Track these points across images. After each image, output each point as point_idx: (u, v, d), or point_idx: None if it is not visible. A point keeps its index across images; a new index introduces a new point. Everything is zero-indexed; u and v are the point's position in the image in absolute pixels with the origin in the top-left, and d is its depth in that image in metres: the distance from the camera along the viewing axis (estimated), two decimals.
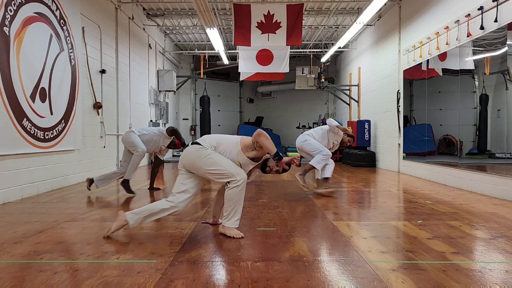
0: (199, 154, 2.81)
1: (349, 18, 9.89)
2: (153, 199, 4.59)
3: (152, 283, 1.99)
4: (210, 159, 2.78)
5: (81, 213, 3.80)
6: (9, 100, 4.34)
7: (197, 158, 2.80)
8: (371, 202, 4.52)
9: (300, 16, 8.04)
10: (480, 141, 5.45)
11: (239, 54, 9.96)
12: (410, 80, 7.72)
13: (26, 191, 4.75)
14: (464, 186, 5.55)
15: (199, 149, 2.83)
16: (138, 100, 9.25)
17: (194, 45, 12.78)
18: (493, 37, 4.94)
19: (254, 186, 5.89)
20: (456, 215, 3.73)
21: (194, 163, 2.82)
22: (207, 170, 2.78)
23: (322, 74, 11.54)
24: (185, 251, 2.54)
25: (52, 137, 5.27)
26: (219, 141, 2.94)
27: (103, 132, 7.05)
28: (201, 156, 2.79)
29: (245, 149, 2.91)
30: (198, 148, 2.83)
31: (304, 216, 3.69)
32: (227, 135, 3.08)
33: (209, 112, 13.33)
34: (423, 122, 7.11)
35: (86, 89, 6.43)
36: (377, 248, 2.62)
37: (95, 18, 6.77)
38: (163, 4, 9.24)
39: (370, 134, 9.65)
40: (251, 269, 2.20)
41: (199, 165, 2.80)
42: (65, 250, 2.59)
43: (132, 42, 8.76)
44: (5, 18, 4.31)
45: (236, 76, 12.98)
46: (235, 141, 2.95)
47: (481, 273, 2.16)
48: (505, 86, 4.83)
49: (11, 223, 3.37)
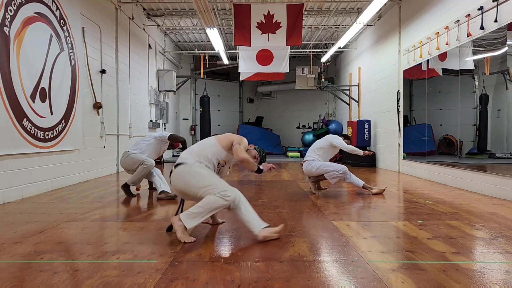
0: (189, 170, 2.81)
1: (349, 18, 9.89)
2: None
3: (152, 283, 2.00)
4: (199, 175, 2.78)
5: (81, 213, 3.80)
6: (9, 100, 4.35)
7: (188, 174, 2.80)
8: (371, 202, 4.52)
9: (300, 16, 8.04)
10: (480, 141, 5.45)
11: (239, 54, 9.96)
12: (410, 80, 7.72)
13: (26, 191, 4.75)
14: (464, 186, 5.55)
15: (186, 166, 2.83)
16: (138, 100, 9.25)
17: (194, 45, 12.78)
18: (493, 37, 4.94)
19: (254, 186, 5.89)
20: (456, 215, 3.73)
21: (186, 181, 2.79)
22: (199, 188, 2.74)
23: (322, 74, 11.54)
24: (185, 251, 2.54)
25: (52, 137, 5.27)
26: (198, 150, 2.96)
27: (103, 132, 7.05)
28: (191, 172, 2.79)
29: (225, 148, 3.01)
30: (185, 166, 2.84)
31: (304, 216, 3.69)
32: (202, 141, 3.12)
33: (209, 112, 13.34)
34: (423, 122, 7.11)
35: (86, 89, 6.44)
36: (377, 248, 2.62)
37: (95, 18, 6.77)
38: (163, 4, 9.24)
39: (370, 134, 9.65)
40: (251, 269, 2.20)
41: (191, 182, 2.77)
42: (65, 250, 2.59)
43: (132, 42, 8.76)
44: (5, 18, 4.32)
45: (236, 76, 12.99)
46: (212, 143, 3.02)
47: (481, 273, 2.16)
48: (505, 86, 4.83)
49: (11, 223, 3.38)
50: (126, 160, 4.82)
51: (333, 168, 4.91)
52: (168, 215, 3.72)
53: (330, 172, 4.91)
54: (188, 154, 2.95)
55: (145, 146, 4.88)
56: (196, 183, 2.77)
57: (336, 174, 4.90)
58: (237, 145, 2.95)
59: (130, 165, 4.81)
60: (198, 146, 3.03)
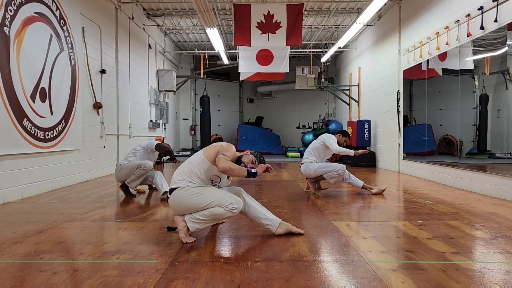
0: (186, 194, 2.68)
1: (349, 18, 9.89)
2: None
3: (152, 283, 2.00)
4: (198, 196, 2.67)
5: (81, 213, 3.80)
6: (9, 100, 4.35)
7: (186, 198, 2.68)
8: (371, 202, 4.52)
9: (300, 16, 8.04)
10: (480, 141, 5.45)
11: (239, 54, 9.96)
12: (410, 80, 7.72)
13: (26, 191, 4.75)
14: (464, 186, 5.55)
15: (181, 191, 2.71)
16: (138, 100, 9.25)
17: (194, 45, 12.78)
18: (493, 37, 4.94)
19: (254, 186, 5.89)
20: (456, 215, 3.73)
21: (186, 205, 2.70)
22: (203, 206, 2.66)
23: (322, 74, 11.55)
24: (185, 251, 2.54)
25: (52, 137, 5.27)
26: (188, 171, 2.79)
27: (103, 132, 7.05)
28: (189, 195, 2.68)
29: (213, 162, 2.77)
30: (180, 190, 2.71)
31: (304, 216, 3.69)
32: (189, 159, 2.91)
33: (209, 112, 13.33)
34: (423, 122, 7.11)
35: (86, 89, 6.44)
36: (377, 248, 2.62)
37: (95, 18, 6.77)
38: (163, 4, 9.24)
39: (370, 134, 9.65)
40: (251, 269, 2.20)
41: (192, 204, 2.68)
42: (65, 250, 2.59)
43: (132, 42, 8.76)
44: (5, 18, 4.31)
45: (236, 76, 12.99)
46: (200, 159, 2.80)
47: (481, 273, 2.16)
48: (505, 86, 4.83)
49: (11, 223, 3.38)
50: (121, 171, 4.77)
51: (331, 168, 4.90)
52: (168, 215, 3.72)
53: (328, 172, 4.91)
54: (179, 176, 2.80)
55: (134, 157, 4.85)
56: (197, 204, 2.67)
57: (335, 173, 4.89)
58: (220, 155, 2.71)
59: (126, 175, 4.74)
60: (187, 166, 2.84)
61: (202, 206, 2.67)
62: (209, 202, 2.66)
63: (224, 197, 2.69)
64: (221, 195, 2.72)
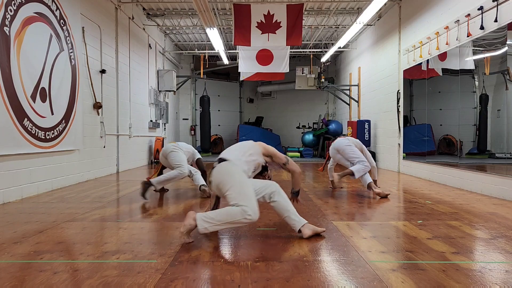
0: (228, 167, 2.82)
1: (349, 18, 9.89)
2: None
3: (152, 283, 2.00)
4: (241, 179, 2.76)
5: (81, 213, 3.80)
6: (9, 100, 4.35)
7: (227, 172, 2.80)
8: (371, 202, 4.52)
9: (300, 16, 8.04)
10: (480, 141, 5.45)
11: (239, 54, 9.96)
12: (410, 80, 7.72)
13: (26, 191, 4.75)
14: (464, 186, 5.55)
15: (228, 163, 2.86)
16: (138, 100, 9.25)
17: (194, 45, 12.78)
18: (493, 37, 4.95)
19: None
20: (456, 215, 3.73)
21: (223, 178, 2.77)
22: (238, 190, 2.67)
23: (322, 74, 11.55)
24: (185, 251, 2.54)
25: (53, 137, 5.27)
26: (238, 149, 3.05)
27: (103, 132, 7.05)
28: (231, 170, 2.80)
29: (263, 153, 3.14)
30: (228, 163, 2.86)
31: (304, 216, 3.67)
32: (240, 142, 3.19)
33: (209, 112, 13.34)
34: (423, 122, 7.11)
35: (86, 89, 6.44)
36: (377, 248, 2.62)
37: (95, 18, 6.77)
38: (163, 4, 9.25)
39: (370, 134, 9.65)
40: (251, 269, 2.20)
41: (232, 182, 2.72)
42: (65, 250, 2.59)
43: (132, 42, 8.76)
44: (5, 18, 4.32)
45: (236, 76, 12.99)
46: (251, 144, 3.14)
47: (481, 273, 2.16)
48: (505, 86, 4.84)
49: (11, 223, 3.38)
50: (174, 154, 4.72)
51: (363, 159, 4.87)
52: (168, 215, 3.72)
53: (359, 162, 4.83)
54: (231, 152, 3.01)
55: (186, 151, 4.96)
56: (235, 183, 2.71)
57: (364, 168, 4.82)
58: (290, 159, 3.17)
59: (172, 160, 4.71)
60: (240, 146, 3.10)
61: (237, 189, 2.66)
62: (242, 191, 2.67)
63: (248, 196, 2.66)
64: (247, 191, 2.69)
